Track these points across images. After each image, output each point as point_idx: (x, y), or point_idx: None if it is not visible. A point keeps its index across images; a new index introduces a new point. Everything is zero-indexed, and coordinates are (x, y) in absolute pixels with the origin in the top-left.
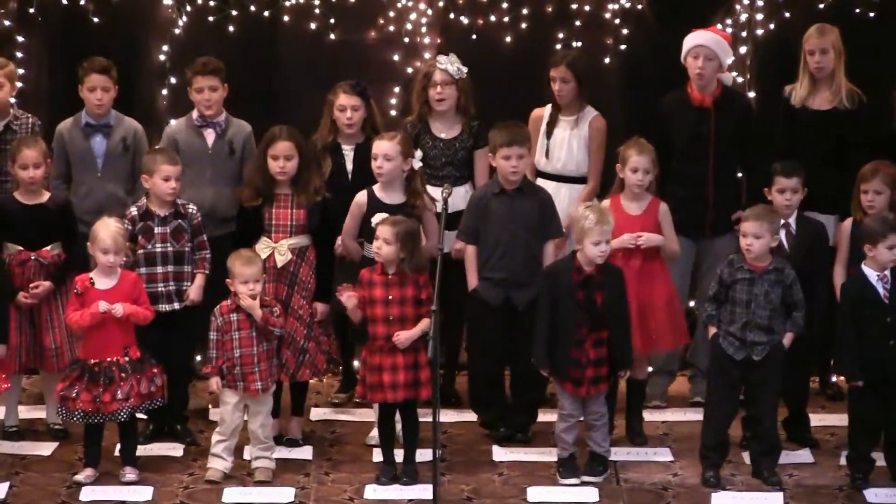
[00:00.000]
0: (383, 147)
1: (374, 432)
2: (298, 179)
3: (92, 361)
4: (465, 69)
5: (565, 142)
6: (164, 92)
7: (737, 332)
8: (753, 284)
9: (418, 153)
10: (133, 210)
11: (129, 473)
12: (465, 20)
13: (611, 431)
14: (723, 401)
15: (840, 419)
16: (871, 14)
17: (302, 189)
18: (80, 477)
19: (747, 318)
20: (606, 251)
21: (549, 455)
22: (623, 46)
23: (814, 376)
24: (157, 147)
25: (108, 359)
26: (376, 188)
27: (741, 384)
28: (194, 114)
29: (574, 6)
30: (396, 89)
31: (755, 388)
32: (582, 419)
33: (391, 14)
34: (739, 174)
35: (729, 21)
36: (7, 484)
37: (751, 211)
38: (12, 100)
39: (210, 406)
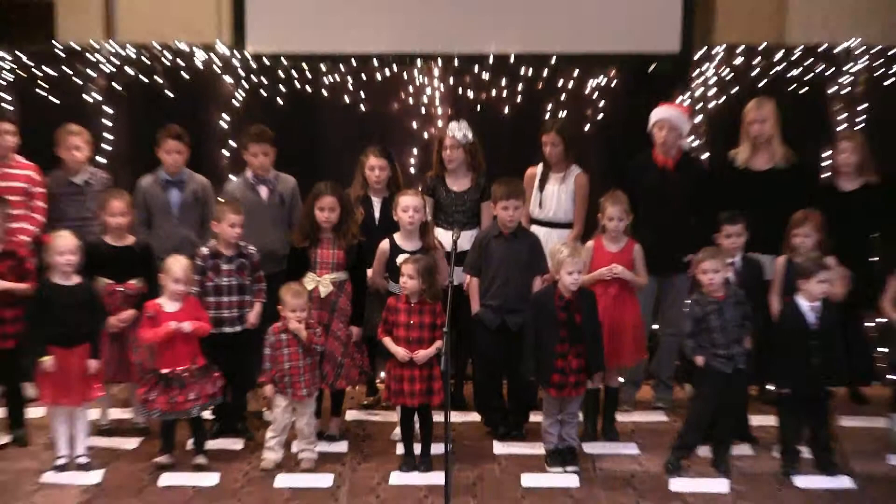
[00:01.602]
0: (414, 201)
1: (398, 430)
2: (340, 227)
3: (165, 371)
4: (470, 135)
5: (555, 194)
6: (225, 153)
7: (724, 353)
8: (723, 312)
9: (427, 200)
10: (205, 250)
11: (200, 458)
12: (471, 94)
13: (594, 431)
14: (709, 411)
15: (773, 420)
16: (801, 91)
17: (342, 234)
18: (160, 459)
19: (727, 339)
20: (579, 279)
21: (539, 449)
22: (600, 116)
23: (752, 385)
24: (225, 199)
25: (181, 367)
26: (396, 236)
27: (737, 393)
28: (248, 173)
29: (560, 83)
30: (415, 151)
31: (734, 392)
32: (559, 418)
33: (411, 89)
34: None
35: (686, 95)
36: (102, 471)
37: (706, 253)
38: (101, 160)
39: (265, 409)
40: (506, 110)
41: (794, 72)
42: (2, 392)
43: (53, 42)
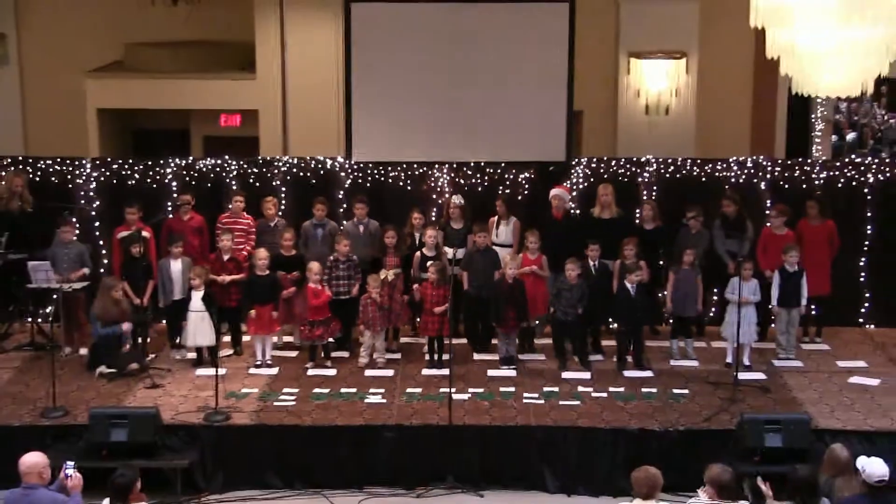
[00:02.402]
0: (433, 232)
1: (426, 347)
2: (397, 247)
3: (321, 318)
4: (462, 201)
5: (504, 231)
6: (340, 210)
7: (568, 310)
8: (572, 290)
9: (440, 233)
10: (332, 257)
11: (328, 362)
12: (462, 181)
13: (522, 348)
14: (561, 339)
15: (613, 342)
16: (625, 180)
17: (398, 249)
18: (308, 365)
19: (570, 304)
20: (515, 273)
21: (496, 357)
22: (526, 192)
23: (602, 324)
24: (341, 232)
25: (324, 316)
26: (424, 249)
27: (569, 329)
28: (355, 218)
29: (506, 176)
30: (434, 209)
31: (574, 330)
32: (507, 342)
33: (432, 179)
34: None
35: (568, 181)
36: (277, 368)
37: (570, 260)
38: (280, 213)
39: (360, 336)
40: (479, 189)
41: (621, 170)
42: (228, 328)
43: (259, 156)
